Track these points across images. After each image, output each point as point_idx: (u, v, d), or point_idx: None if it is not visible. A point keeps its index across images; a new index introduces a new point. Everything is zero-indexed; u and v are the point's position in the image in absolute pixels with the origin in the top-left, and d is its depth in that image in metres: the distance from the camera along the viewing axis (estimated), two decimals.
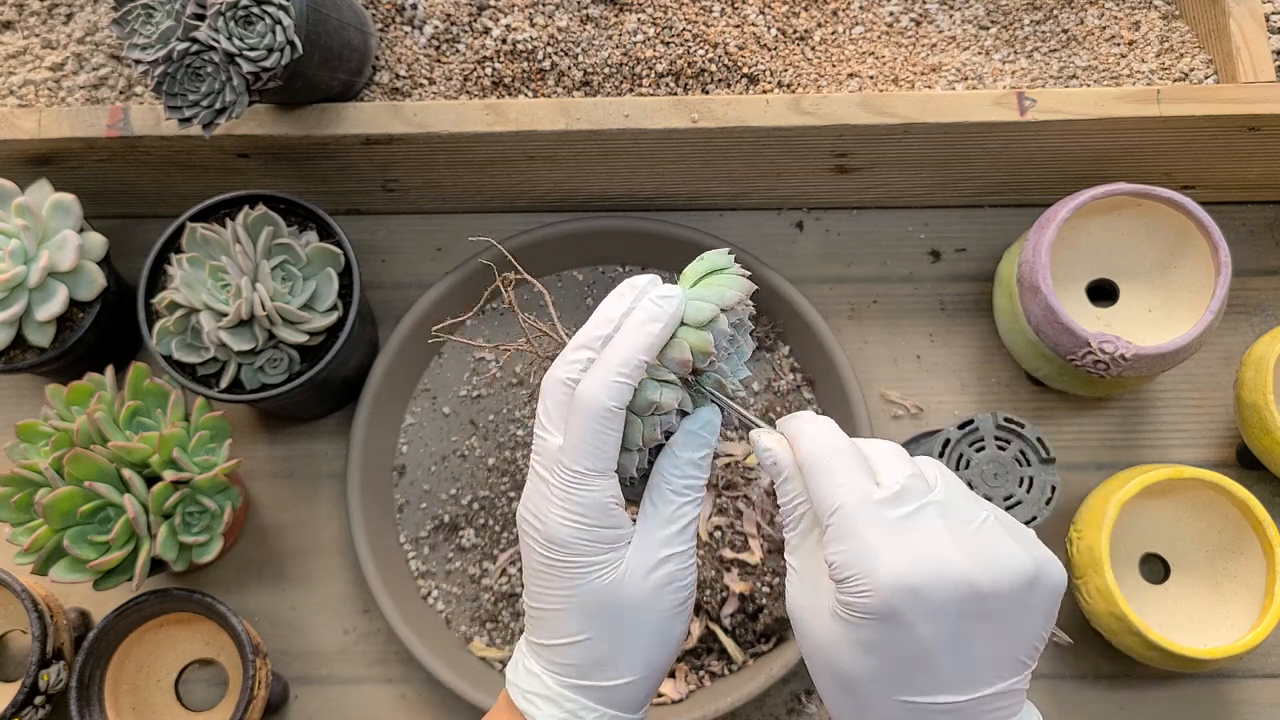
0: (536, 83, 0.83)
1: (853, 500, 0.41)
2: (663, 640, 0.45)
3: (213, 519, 0.73)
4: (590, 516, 0.44)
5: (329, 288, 0.76)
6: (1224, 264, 0.73)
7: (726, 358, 0.46)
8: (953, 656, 0.40)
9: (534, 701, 0.46)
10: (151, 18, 0.72)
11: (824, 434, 0.44)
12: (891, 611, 0.39)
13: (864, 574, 0.40)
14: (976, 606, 0.40)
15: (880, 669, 0.41)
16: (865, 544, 0.40)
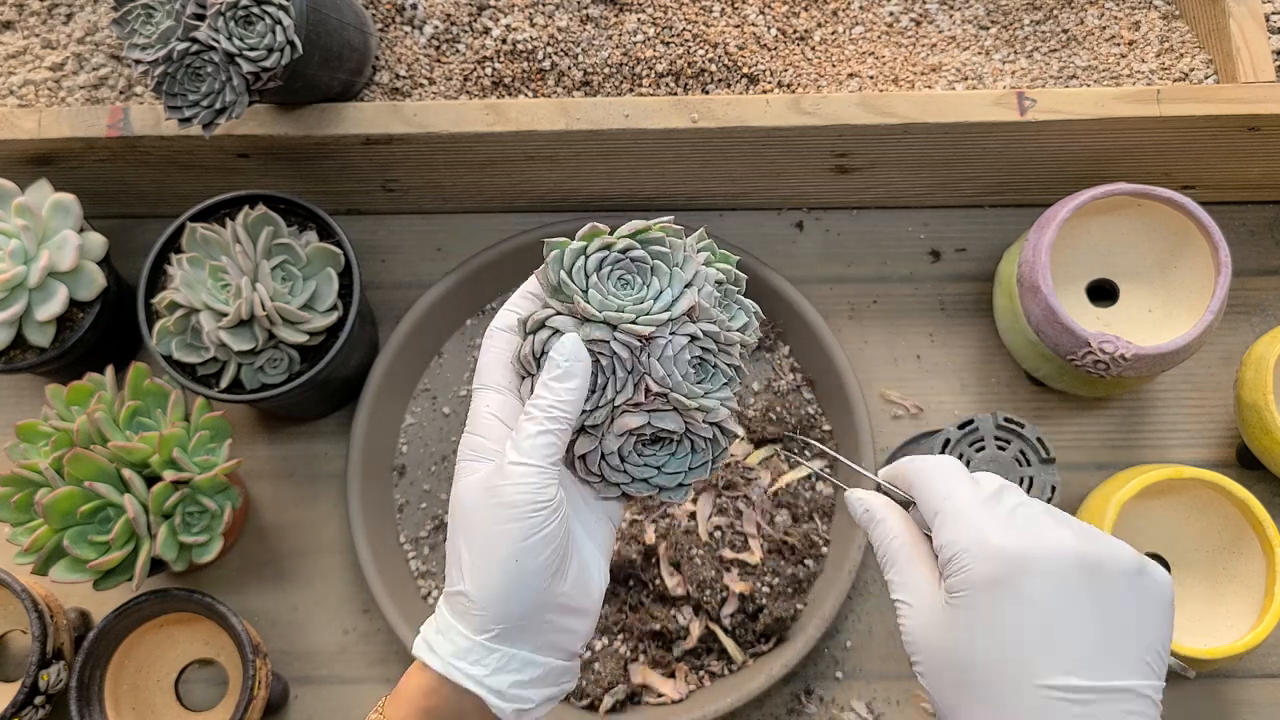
0: (536, 83, 0.83)
1: (960, 492, 0.44)
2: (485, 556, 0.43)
3: (213, 519, 0.73)
4: (471, 424, 0.47)
5: (329, 288, 0.76)
6: (1224, 264, 0.73)
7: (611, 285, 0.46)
8: (1074, 632, 0.40)
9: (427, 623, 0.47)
10: (151, 18, 0.72)
11: (931, 456, 0.48)
12: (1004, 576, 0.41)
13: (974, 545, 0.42)
14: (1088, 578, 0.41)
15: (1004, 646, 0.41)
16: (974, 524, 0.42)
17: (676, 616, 0.77)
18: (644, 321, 0.45)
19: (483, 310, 0.88)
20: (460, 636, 0.45)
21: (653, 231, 0.47)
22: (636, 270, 0.47)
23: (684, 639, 0.77)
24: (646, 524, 0.78)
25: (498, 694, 0.44)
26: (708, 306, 0.47)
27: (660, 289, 0.46)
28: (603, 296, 0.46)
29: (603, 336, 0.45)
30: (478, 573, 0.44)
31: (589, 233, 0.47)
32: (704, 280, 0.47)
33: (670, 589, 0.76)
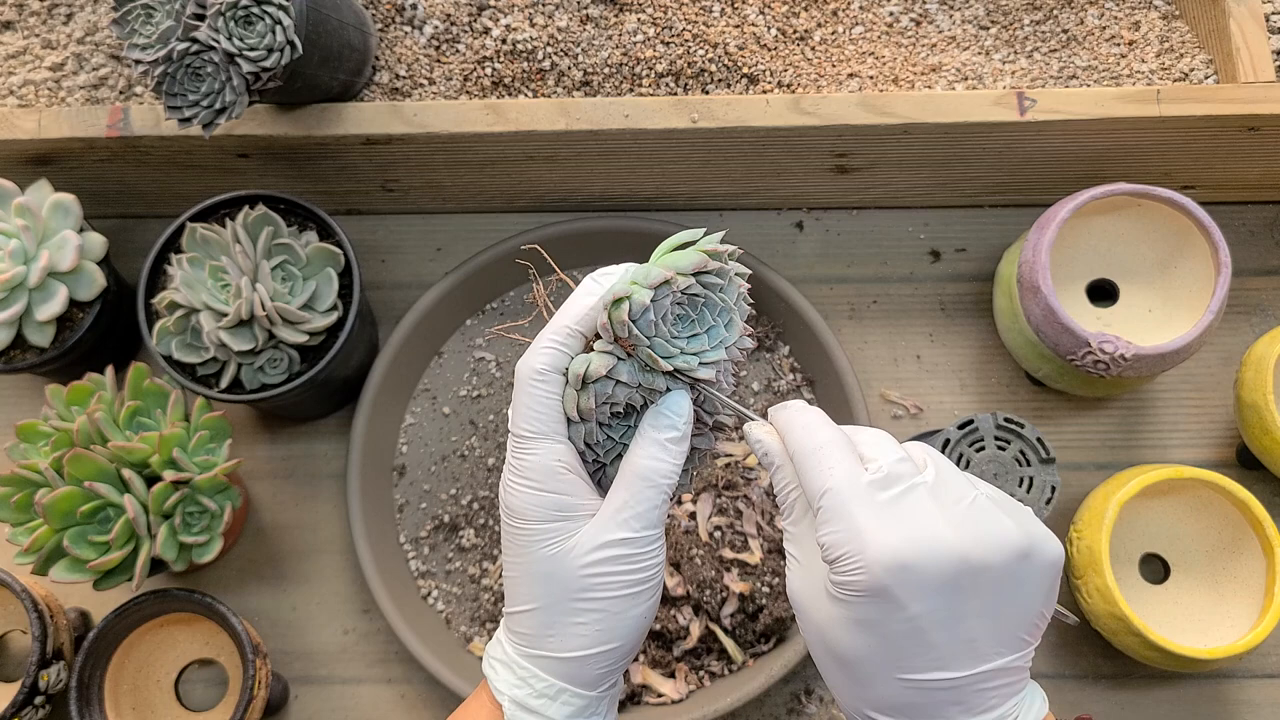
0: (536, 83, 0.83)
1: (841, 483, 0.41)
2: (617, 620, 0.44)
3: (213, 519, 0.73)
4: (536, 480, 0.44)
5: (329, 288, 0.76)
6: (1224, 264, 0.73)
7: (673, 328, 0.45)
8: (948, 632, 0.40)
9: (494, 667, 0.47)
10: (151, 18, 0.72)
11: (813, 423, 0.44)
12: (883, 589, 0.40)
13: (854, 553, 0.40)
14: (969, 581, 0.40)
15: (877, 647, 0.41)
16: (854, 524, 0.40)
17: (676, 616, 0.77)
18: (706, 361, 0.45)
19: (483, 310, 0.88)
20: (576, 698, 0.46)
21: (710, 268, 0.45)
22: (692, 306, 0.45)
23: (684, 639, 0.77)
24: None
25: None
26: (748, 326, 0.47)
27: (711, 323, 0.45)
28: (668, 344, 0.44)
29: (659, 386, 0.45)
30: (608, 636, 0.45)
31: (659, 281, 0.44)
32: (743, 305, 0.47)
33: (670, 589, 0.76)
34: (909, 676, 0.41)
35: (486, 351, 0.87)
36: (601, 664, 0.45)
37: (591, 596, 0.44)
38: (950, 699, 0.41)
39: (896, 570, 0.39)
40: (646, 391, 0.45)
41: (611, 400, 0.45)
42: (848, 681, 0.42)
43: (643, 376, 0.45)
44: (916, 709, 0.41)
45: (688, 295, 0.45)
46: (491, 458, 0.83)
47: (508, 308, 0.88)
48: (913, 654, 0.40)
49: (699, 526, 0.78)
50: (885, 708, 0.42)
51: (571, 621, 0.45)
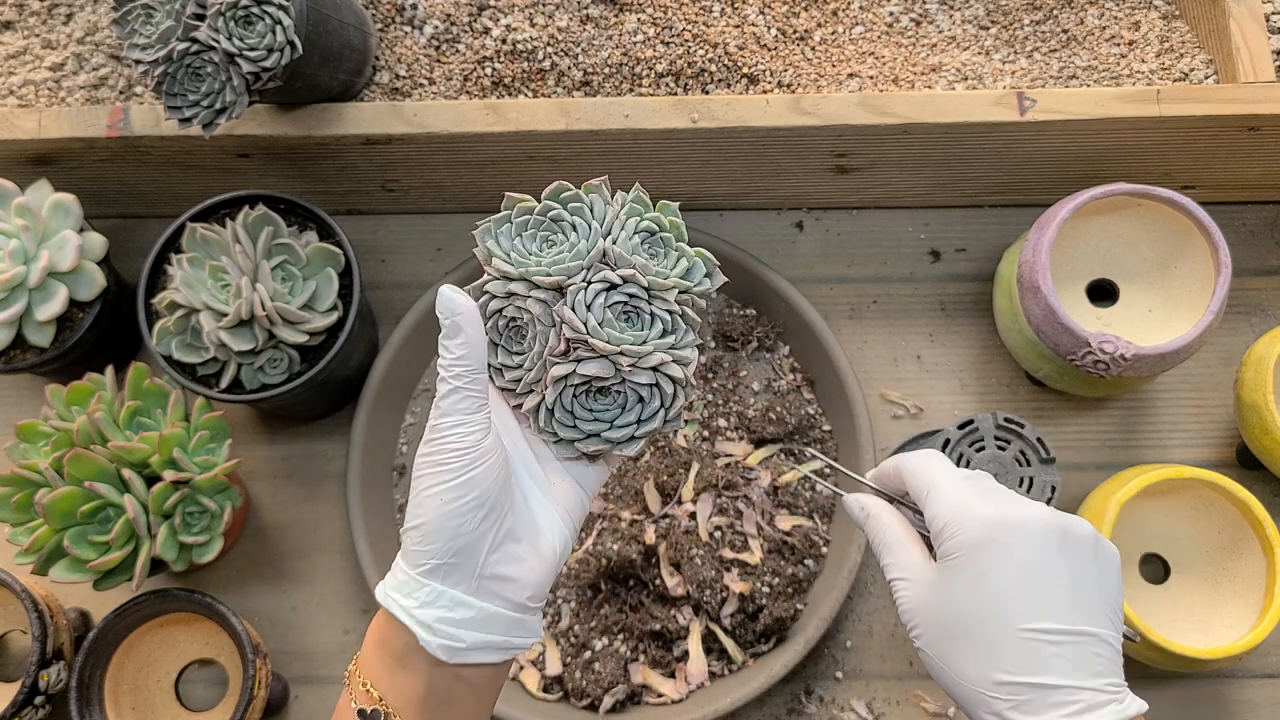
0: (536, 83, 0.83)
1: (943, 472, 0.51)
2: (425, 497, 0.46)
3: (213, 519, 0.73)
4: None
5: (329, 288, 0.76)
6: (1224, 264, 0.73)
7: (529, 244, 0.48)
8: (1050, 584, 0.46)
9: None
10: (151, 18, 0.72)
11: (915, 451, 0.54)
12: (988, 539, 0.47)
13: (962, 514, 0.48)
14: (1058, 541, 0.47)
15: (991, 596, 0.46)
16: (959, 497, 0.49)
17: (676, 616, 0.77)
18: (556, 272, 0.47)
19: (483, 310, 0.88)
20: (400, 571, 0.47)
21: (569, 190, 0.49)
22: (558, 229, 0.49)
23: (684, 639, 0.77)
24: (646, 524, 0.78)
25: (425, 627, 0.46)
26: (625, 254, 0.47)
27: (574, 243, 0.48)
28: (522, 256, 0.48)
29: (523, 292, 0.47)
30: (414, 510, 0.47)
31: (509, 202, 0.49)
32: (621, 229, 0.48)
33: (670, 589, 0.76)
34: (1024, 625, 0.46)
35: None
36: (413, 539, 0.46)
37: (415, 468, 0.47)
38: (1060, 653, 0.45)
39: (999, 523, 0.47)
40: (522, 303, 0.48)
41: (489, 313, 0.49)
42: (971, 653, 0.47)
43: (509, 285, 0.48)
44: (1033, 661, 0.45)
45: (549, 218, 0.49)
46: None
47: None
48: (1022, 602, 0.46)
49: (699, 526, 0.78)
50: (1007, 665, 0.46)
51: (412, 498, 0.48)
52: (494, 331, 0.49)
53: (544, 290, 0.47)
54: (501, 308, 0.48)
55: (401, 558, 0.47)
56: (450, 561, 0.46)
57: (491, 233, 0.49)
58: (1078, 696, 0.45)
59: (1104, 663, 0.46)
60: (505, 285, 0.48)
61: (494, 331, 0.49)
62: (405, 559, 0.47)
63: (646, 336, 0.47)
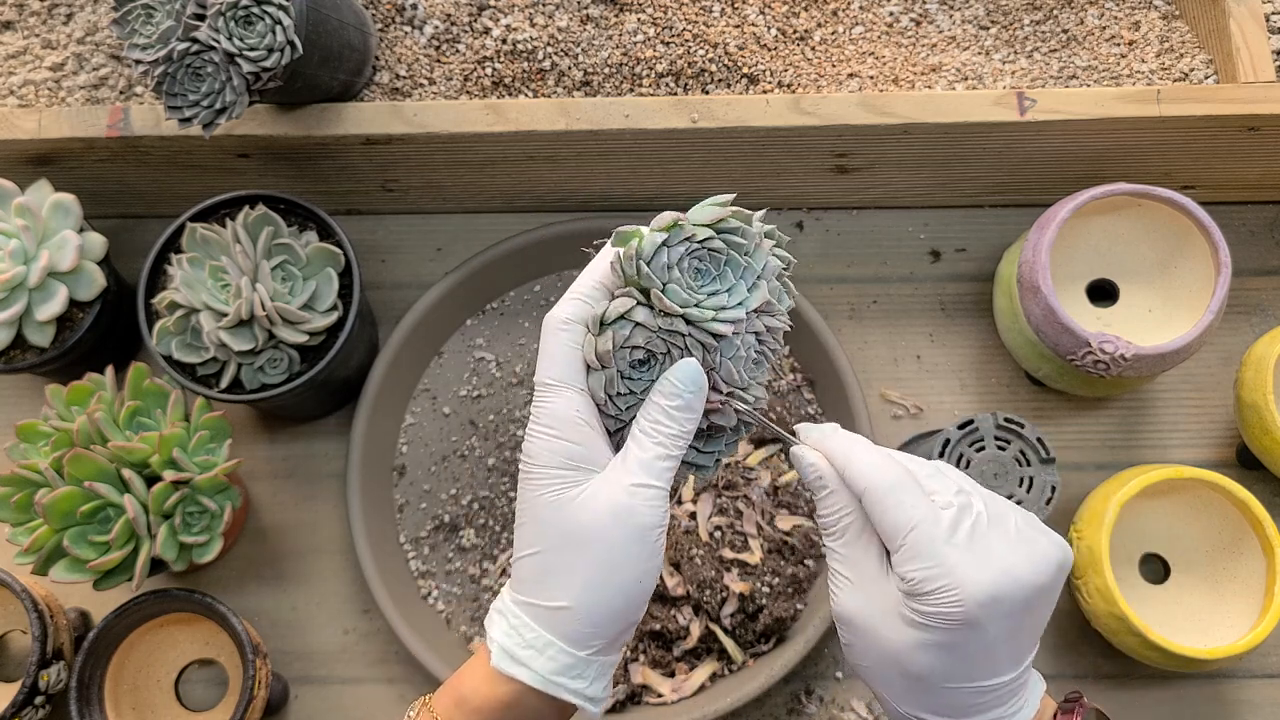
0: (536, 83, 0.83)
1: (925, 521, 0.45)
2: (609, 575, 0.44)
3: (213, 519, 0.73)
4: (554, 428, 0.45)
5: (329, 288, 0.76)
6: (1224, 264, 0.73)
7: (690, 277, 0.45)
8: (1010, 645, 0.45)
9: (492, 616, 0.47)
10: (151, 18, 0.72)
11: (877, 461, 0.46)
12: (975, 619, 0.44)
13: (951, 587, 0.44)
14: (1035, 600, 0.45)
15: (953, 665, 0.45)
16: (946, 561, 0.44)
17: (676, 616, 0.77)
18: (722, 319, 0.45)
19: (483, 310, 0.88)
20: (563, 654, 0.45)
21: (729, 220, 0.45)
22: (712, 261, 0.45)
23: (684, 639, 0.77)
24: None
25: (594, 701, 0.46)
26: (774, 301, 0.46)
27: (733, 282, 0.45)
28: (683, 291, 0.44)
29: (680, 330, 0.45)
30: (599, 592, 0.44)
31: (668, 224, 0.45)
32: (771, 273, 0.46)
33: (670, 589, 0.76)
34: (976, 684, 0.45)
35: (486, 351, 0.87)
36: (589, 621, 0.44)
37: (595, 549, 0.44)
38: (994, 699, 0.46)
39: (989, 603, 0.44)
40: (667, 337, 0.45)
41: (629, 343, 0.45)
42: (911, 692, 0.46)
43: (661, 321, 0.44)
44: (965, 707, 0.46)
45: (706, 249, 0.45)
46: (491, 458, 0.83)
47: (508, 308, 0.88)
48: (981, 667, 0.45)
49: (699, 526, 0.78)
50: (937, 709, 0.46)
51: (565, 570, 0.44)
52: (621, 361, 0.45)
53: (704, 335, 0.45)
54: (645, 341, 0.45)
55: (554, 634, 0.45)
56: (619, 638, 0.46)
57: (644, 253, 0.44)
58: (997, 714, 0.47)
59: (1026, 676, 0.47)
60: (658, 318, 0.45)
61: (621, 361, 0.45)
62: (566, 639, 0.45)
63: (760, 379, 0.47)
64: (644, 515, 0.44)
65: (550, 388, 0.46)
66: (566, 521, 0.44)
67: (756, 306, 0.45)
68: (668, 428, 0.45)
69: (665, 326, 0.44)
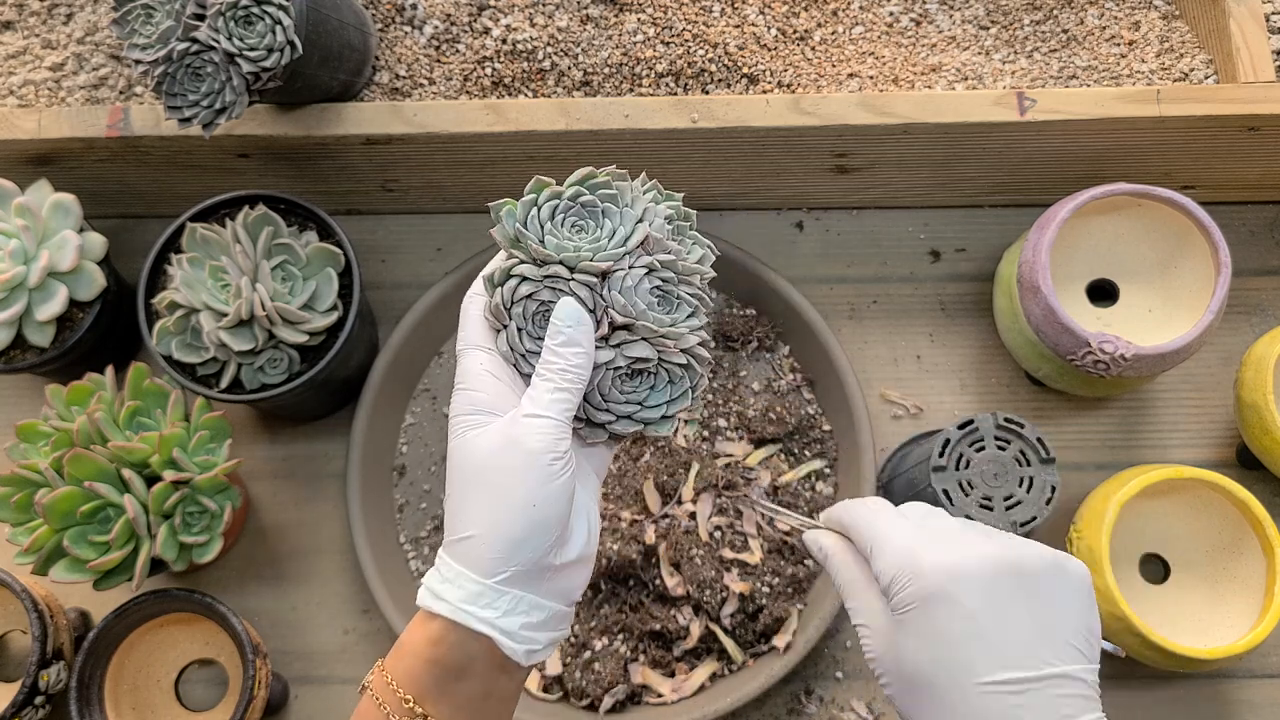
0: (536, 83, 0.83)
1: (886, 524, 0.49)
2: (502, 499, 0.45)
3: (213, 519, 0.73)
4: (462, 382, 0.48)
5: (329, 288, 0.76)
6: (1224, 264, 0.73)
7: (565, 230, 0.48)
8: (1005, 631, 0.44)
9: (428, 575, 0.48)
10: (151, 18, 0.72)
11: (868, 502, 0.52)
12: (936, 590, 0.45)
13: (909, 567, 0.46)
14: (1013, 581, 0.45)
15: (944, 652, 0.44)
16: (906, 549, 0.47)
17: (676, 616, 0.77)
18: (600, 258, 0.47)
19: None
20: (470, 581, 0.46)
21: (599, 177, 0.49)
22: (589, 214, 0.49)
23: (684, 639, 0.77)
24: (646, 524, 0.78)
25: (509, 635, 0.46)
26: (661, 238, 0.48)
27: (613, 228, 0.48)
28: (559, 240, 0.48)
29: (564, 276, 0.47)
30: (494, 517, 0.45)
31: (536, 185, 0.49)
32: (654, 215, 0.49)
33: (670, 589, 0.76)
34: (981, 680, 0.44)
35: None
36: (492, 547, 0.45)
37: (485, 478, 0.46)
38: (1024, 703, 0.43)
39: (946, 571, 0.45)
40: (552, 284, 0.48)
41: (518, 295, 0.48)
42: (931, 707, 0.45)
43: (546, 270, 0.47)
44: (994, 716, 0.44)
45: (579, 204, 0.48)
46: None
47: None
48: (977, 655, 0.44)
49: (699, 526, 0.78)
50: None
51: (467, 503, 0.46)
52: (520, 316, 0.48)
53: (586, 275, 0.47)
54: (533, 291, 0.48)
55: (464, 565, 0.46)
56: (530, 570, 0.46)
57: (516, 215, 0.48)
58: None
59: (1074, 701, 0.44)
60: (540, 269, 0.48)
61: (520, 316, 0.48)
62: (474, 568, 0.46)
63: (679, 319, 0.49)
64: (531, 441, 0.45)
65: (463, 353, 0.49)
66: (467, 458, 0.47)
67: (640, 243, 0.48)
68: (554, 363, 0.47)
69: (547, 274, 0.47)
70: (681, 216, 0.51)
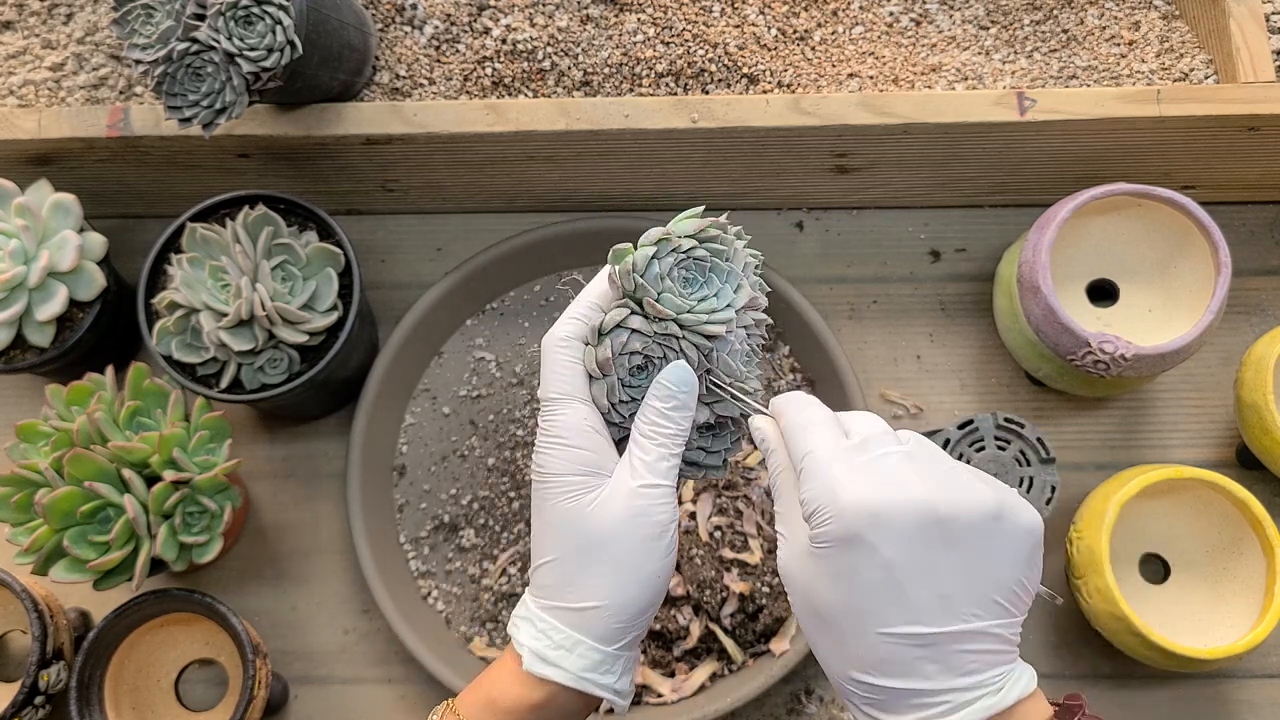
0: (536, 83, 0.83)
1: (822, 446, 0.44)
2: (632, 573, 0.46)
3: (213, 519, 0.73)
4: (564, 438, 0.47)
5: (329, 288, 0.76)
6: (1224, 264, 0.73)
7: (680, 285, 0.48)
8: (920, 584, 0.41)
9: (517, 623, 0.49)
10: (151, 18, 0.72)
11: (805, 403, 0.48)
12: (854, 534, 0.42)
13: (828, 503, 0.43)
14: (938, 532, 0.42)
15: (854, 598, 0.42)
16: (830, 478, 0.43)
17: (676, 616, 0.77)
18: (716, 320, 0.48)
19: (483, 310, 0.88)
20: (593, 651, 0.47)
21: (709, 230, 0.49)
22: (697, 269, 0.48)
23: (684, 639, 0.77)
24: None
25: (623, 695, 0.48)
26: (758, 295, 0.50)
27: (719, 285, 0.49)
28: (675, 297, 0.48)
29: (675, 334, 0.48)
30: (623, 589, 0.46)
31: (657, 238, 0.48)
32: (750, 272, 0.50)
33: (670, 589, 0.76)
34: (886, 630, 0.42)
35: (486, 351, 0.87)
36: (618, 618, 0.46)
37: (613, 548, 0.46)
38: (927, 656, 0.42)
39: (867, 516, 0.42)
40: (663, 341, 0.48)
41: (627, 349, 0.47)
42: (831, 643, 0.44)
43: (656, 326, 0.47)
44: (894, 665, 0.42)
45: (691, 257, 0.48)
46: (491, 458, 0.83)
47: (508, 308, 0.88)
48: (887, 605, 0.42)
49: (699, 526, 0.78)
50: (866, 665, 0.43)
51: (588, 573, 0.47)
52: (620, 368, 0.48)
53: (698, 336, 0.48)
54: (643, 347, 0.48)
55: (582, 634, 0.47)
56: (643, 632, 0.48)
57: (638, 266, 0.47)
58: (944, 697, 0.42)
59: (984, 657, 0.42)
60: (653, 324, 0.48)
61: (620, 368, 0.48)
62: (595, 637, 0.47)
63: (754, 371, 0.50)
64: (657, 513, 0.47)
65: (556, 401, 0.48)
66: (585, 525, 0.47)
67: (743, 305, 0.49)
68: (664, 428, 0.47)
69: (660, 331, 0.47)
70: (758, 262, 0.51)
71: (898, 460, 0.43)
